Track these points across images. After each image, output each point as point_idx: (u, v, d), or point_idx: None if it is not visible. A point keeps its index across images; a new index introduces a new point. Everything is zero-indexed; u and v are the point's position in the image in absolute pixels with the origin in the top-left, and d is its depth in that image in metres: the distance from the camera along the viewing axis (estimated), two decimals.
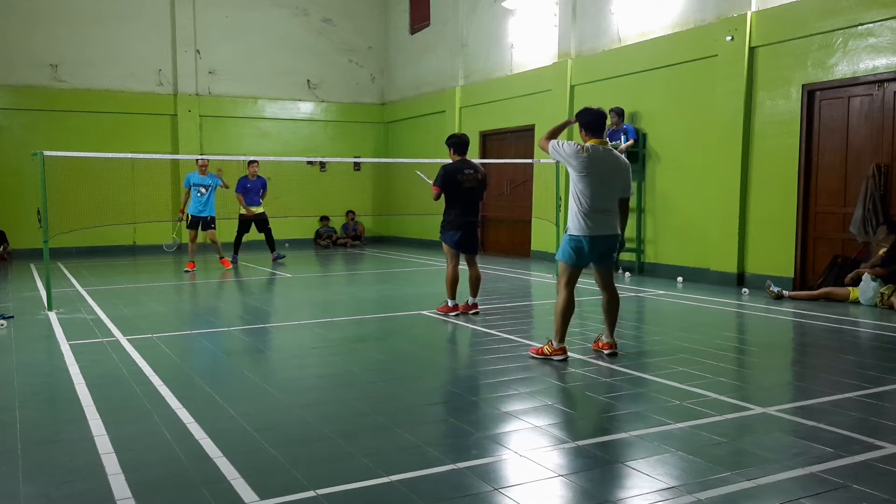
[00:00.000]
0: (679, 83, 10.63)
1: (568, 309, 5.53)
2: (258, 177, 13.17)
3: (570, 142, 5.53)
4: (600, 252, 5.53)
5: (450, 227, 7.28)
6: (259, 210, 13.19)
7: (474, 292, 7.48)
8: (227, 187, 12.32)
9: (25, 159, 9.25)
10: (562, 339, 5.53)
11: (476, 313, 7.44)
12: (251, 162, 13.08)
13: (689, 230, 10.54)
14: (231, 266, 12.30)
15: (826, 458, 3.47)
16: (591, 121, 5.53)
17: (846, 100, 8.71)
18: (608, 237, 5.50)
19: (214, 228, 12.15)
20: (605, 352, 5.70)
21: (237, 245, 13.28)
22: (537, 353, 5.58)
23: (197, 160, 12.09)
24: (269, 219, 13.30)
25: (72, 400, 4.55)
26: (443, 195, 7.21)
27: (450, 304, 7.39)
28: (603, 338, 5.80)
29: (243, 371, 5.38)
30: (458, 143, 7.39)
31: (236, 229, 13.24)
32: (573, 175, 5.43)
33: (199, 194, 11.93)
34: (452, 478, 3.30)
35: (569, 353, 5.58)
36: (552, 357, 5.50)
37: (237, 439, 3.81)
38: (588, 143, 5.48)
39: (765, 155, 9.49)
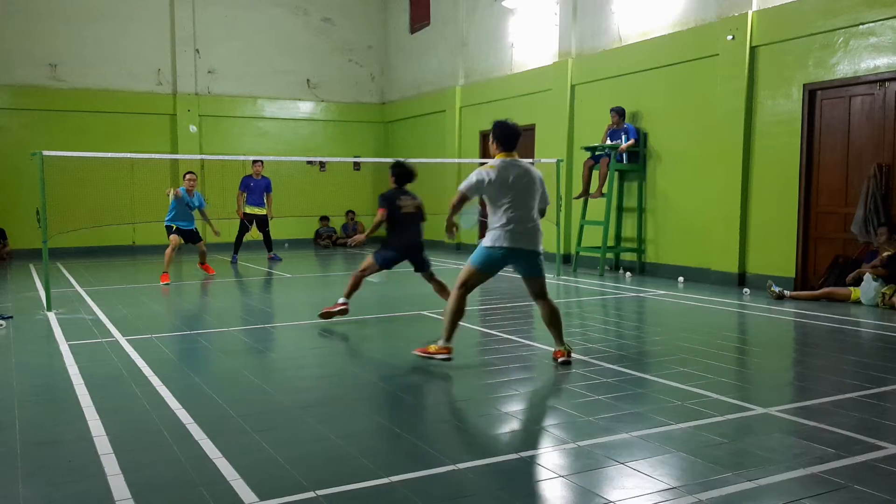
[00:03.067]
0: (680, 82, 10.62)
1: (460, 310, 5.35)
2: (263, 177, 13.07)
3: (474, 174, 5.25)
4: (520, 266, 5.36)
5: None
6: (261, 211, 13.13)
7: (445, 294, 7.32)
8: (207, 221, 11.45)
9: (24, 159, 9.24)
10: (449, 339, 5.39)
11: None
12: (255, 161, 12.96)
13: (690, 230, 10.53)
14: (213, 273, 11.55)
15: (827, 459, 3.46)
16: (503, 134, 5.34)
17: (847, 99, 8.69)
18: (528, 252, 5.26)
19: (202, 240, 11.42)
20: (560, 360, 5.41)
21: (237, 245, 13.25)
22: (422, 353, 5.48)
23: (184, 177, 11.18)
24: (269, 219, 13.27)
25: (71, 400, 4.54)
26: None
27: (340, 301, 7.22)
28: (555, 347, 5.50)
29: (243, 371, 5.37)
30: (400, 174, 7.24)
31: (237, 229, 13.21)
32: (489, 193, 5.25)
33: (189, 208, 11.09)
34: (452, 478, 3.29)
35: (569, 356, 5.54)
36: (435, 356, 5.36)
37: (237, 439, 3.80)
38: (497, 160, 5.30)
39: (766, 154, 9.48)
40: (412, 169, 7.32)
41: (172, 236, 10.74)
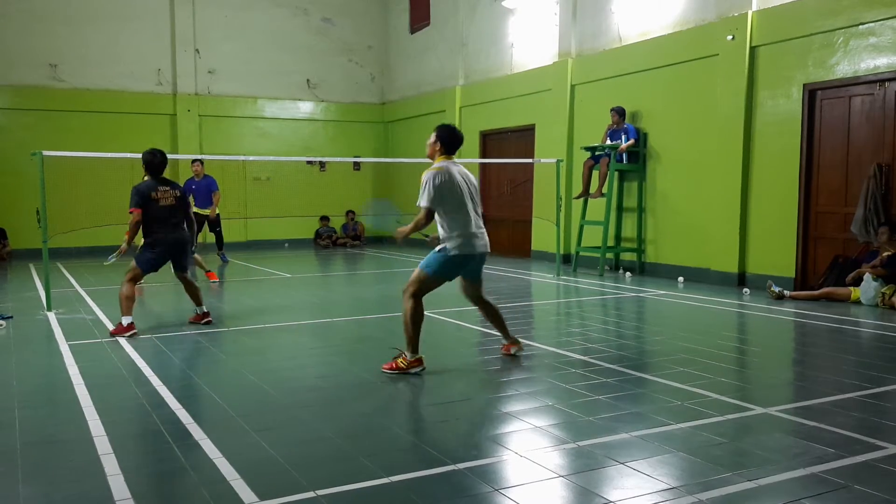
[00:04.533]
0: (680, 83, 10.62)
1: (419, 317, 5.15)
2: (205, 176, 12.41)
3: (427, 178, 5.08)
4: (470, 270, 5.36)
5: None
6: (208, 212, 12.41)
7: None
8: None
9: (25, 159, 9.23)
10: (416, 349, 5.15)
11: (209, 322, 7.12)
12: (194, 161, 12.27)
13: (690, 230, 10.53)
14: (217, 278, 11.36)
15: (827, 459, 3.46)
16: (448, 136, 5.25)
17: (847, 99, 8.69)
18: (483, 255, 5.31)
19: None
20: (513, 351, 5.57)
21: (220, 243, 12.85)
22: (391, 369, 5.16)
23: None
24: (267, 219, 13.14)
25: (71, 400, 4.54)
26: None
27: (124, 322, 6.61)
28: (505, 342, 5.68)
29: (243, 371, 5.36)
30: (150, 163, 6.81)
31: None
32: (443, 198, 5.08)
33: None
34: (452, 478, 3.29)
35: (571, 354, 5.55)
36: (409, 370, 5.12)
37: (237, 439, 3.80)
38: (442, 162, 5.20)
39: (766, 154, 9.48)
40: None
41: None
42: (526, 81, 13.68)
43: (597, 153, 11.48)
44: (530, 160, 12.78)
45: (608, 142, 11.21)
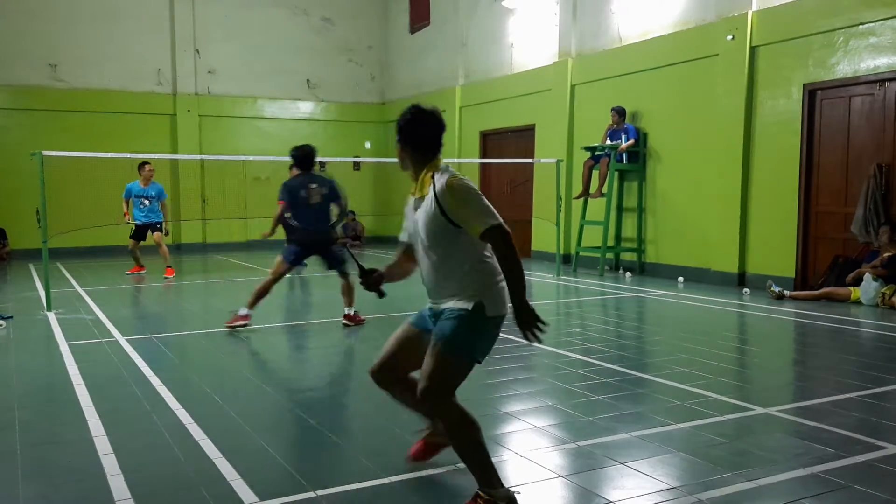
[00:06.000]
0: (680, 83, 10.62)
1: (476, 429, 2.97)
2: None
3: (469, 186, 3.11)
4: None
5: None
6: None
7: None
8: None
9: (24, 159, 9.23)
10: (496, 479, 2.93)
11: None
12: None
13: (690, 230, 10.53)
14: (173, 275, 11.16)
15: (827, 459, 3.46)
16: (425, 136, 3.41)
17: (847, 99, 8.69)
18: None
19: (161, 231, 11.23)
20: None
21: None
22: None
23: (141, 168, 10.97)
24: (264, 219, 13.11)
25: (71, 401, 4.54)
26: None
27: (241, 312, 6.76)
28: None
29: (243, 371, 5.37)
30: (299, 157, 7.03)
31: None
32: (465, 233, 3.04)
33: (141, 205, 10.99)
34: (452, 478, 3.29)
35: (571, 354, 5.54)
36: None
37: (237, 439, 3.80)
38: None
39: (766, 154, 9.48)
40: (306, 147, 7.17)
41: (131, 241, 11.24)
42: (526, 81, 13.68)
43: (597, 153, 11.48)
44: (530, 160, 12.78)
45: (608, 142, 11.21)
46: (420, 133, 3.32)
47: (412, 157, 3.29)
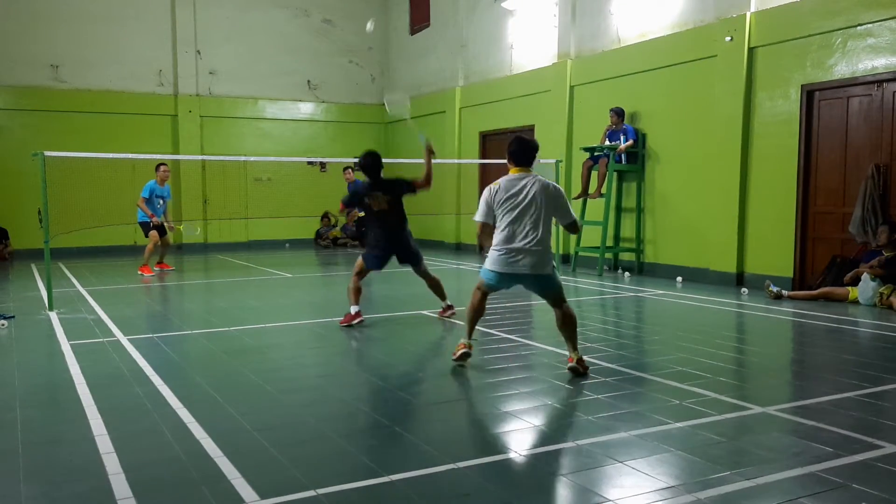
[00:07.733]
0: (678, 83, 10.64)
1: (474, 311, 5.53)
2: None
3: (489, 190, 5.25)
4: (529, 287, 5.47)
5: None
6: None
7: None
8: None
9: (26, 160, 9.25)
10: (468, 335, 5.50)
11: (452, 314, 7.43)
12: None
13: (689, 230, 10.55)
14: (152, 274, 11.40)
15: (825, 458, 3.48)
16: (517, 149, 5.35)
17: (845, 100, 8.72)
18: (523, 275, 5.29)
19: (167, 234, 11.89)
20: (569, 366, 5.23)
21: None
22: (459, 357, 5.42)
23: (157, 169, 11.45)
24: (268, 219, 13.16)
25: (72, 400, 4.56)
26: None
27: (352, 311, 7.06)
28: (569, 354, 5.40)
29: (244, 371, 5.38)
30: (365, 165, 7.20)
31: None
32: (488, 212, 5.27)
33: (159, 205, 11.53)
34: (452, 477, 3.31)
35: (568, 355, 5.53)
36: (456, 352, 5.40)
37: (237, 439, 3.82)
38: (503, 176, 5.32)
39: (764, 155, 9.50)
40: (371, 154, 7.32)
41: (153, 232, 11.42)
42: (525, 82, 13.70)
43: (596, 154, 11.50)
44: None
45: (607, 142, 11.23)
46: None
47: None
